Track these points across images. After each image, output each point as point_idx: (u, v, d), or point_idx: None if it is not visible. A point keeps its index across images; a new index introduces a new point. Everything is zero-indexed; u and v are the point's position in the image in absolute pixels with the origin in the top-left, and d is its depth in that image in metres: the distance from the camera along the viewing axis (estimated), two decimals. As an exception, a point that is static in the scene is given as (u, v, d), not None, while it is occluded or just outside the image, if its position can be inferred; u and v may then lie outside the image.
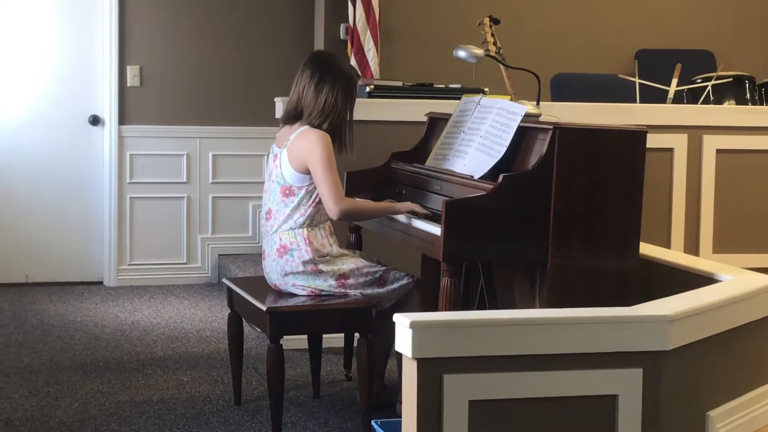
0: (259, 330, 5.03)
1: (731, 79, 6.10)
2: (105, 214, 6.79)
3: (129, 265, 6.81)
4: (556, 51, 6.94)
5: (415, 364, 2.79)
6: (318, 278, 3.95)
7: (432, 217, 3.84)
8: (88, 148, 6.80)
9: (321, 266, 3.94)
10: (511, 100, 4.00)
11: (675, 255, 4.28)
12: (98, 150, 6.80)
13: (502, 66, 4.74)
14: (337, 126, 3.99)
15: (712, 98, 6.02)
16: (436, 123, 4.47)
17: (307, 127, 3.98)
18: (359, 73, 4.15)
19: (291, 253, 3.96)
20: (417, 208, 3.93)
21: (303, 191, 3.96)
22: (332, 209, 3.89)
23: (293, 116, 4.05)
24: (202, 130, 6.89)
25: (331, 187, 3.87)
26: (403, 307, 3.92)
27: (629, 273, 3.65)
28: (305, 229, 3.96)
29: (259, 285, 4.14)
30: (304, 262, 3.93)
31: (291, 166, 3.96)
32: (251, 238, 7.00)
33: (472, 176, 3.79)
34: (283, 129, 4.12)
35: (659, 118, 5.50)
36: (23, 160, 6.69)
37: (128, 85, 6.76)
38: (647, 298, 3.29)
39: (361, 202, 4.08)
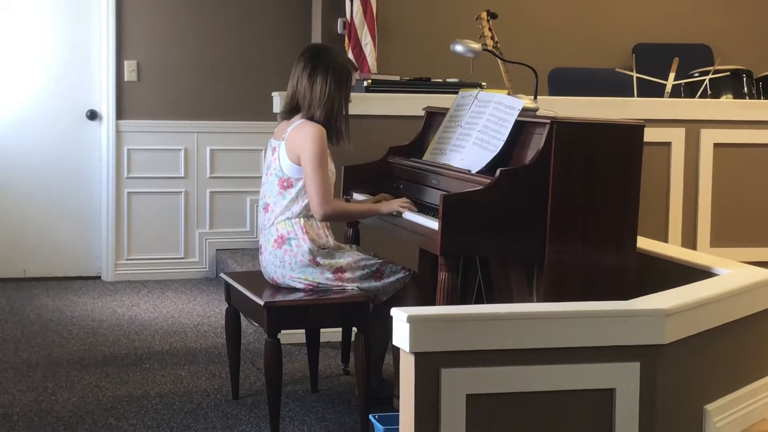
0: (256, 324, 5.03)
1: (728, 73, 6.11)
2: (102, 208, 6.78)
3: (127, 259, 6.81)
4: (554, 45, 6.94)
5: (412, 358, 2.79)
6: (315, 271, 3.95)
7: (426, 211, 3.84)
8: (85, 143, 6.80)
9: (319, 258, 3.95)
10: (508, 94, 4.00)
11: (672, 249, 4.28)
12: (96, 145, 6.79)
13: (499, 60, 4.72)
14: (332, 117, 4.00)
15: (709, 92, 6.02)
16: (433, 117, 4.47)
17: (303, 120, 3.99)
18: (355, 64, 4.14)
19: (289, 243, 3.97)
20: (399, 208, 3.94)
21: (300, 183, 3.97)
22: (317, 211, 3.93)
23: (290, 110, 4.09)
24: (199, 124, 6.89)
25: (319, 187, 3.90)
26: (400, 301, 3.92)
27: (626, 267, 3.65)
28: (302, 218, 3.98)
29: (256, 280, 4.14)
30: (303, 252, 3.94)
31: (288, 158, 3.97)
32: (249, 232, 7.00)
33: (469, 171, 3.79)
34: (282, 123, 4.14)
35: (657, 112, 5.50)
36: (21, 155, 6.69)
37: (125, 79, 6.76)
38: (644, 292, 3.29)
39: (346, 205, 4.13)
